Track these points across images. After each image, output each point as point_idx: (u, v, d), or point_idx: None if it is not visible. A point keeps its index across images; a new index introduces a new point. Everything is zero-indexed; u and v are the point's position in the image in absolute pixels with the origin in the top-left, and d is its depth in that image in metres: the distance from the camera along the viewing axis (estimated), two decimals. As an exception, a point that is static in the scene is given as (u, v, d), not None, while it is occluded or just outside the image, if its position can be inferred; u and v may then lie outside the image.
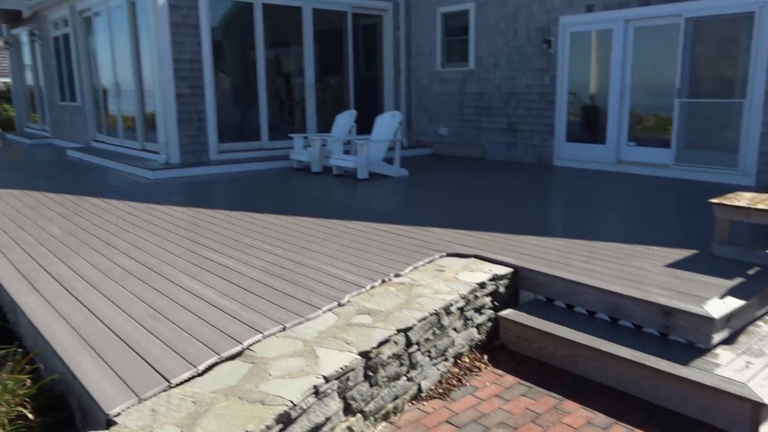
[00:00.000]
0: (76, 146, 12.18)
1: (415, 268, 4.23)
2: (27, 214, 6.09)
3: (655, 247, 4.61)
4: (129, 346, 2.97)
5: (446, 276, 4.04)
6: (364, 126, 9.91)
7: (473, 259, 4.42)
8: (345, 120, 9.59)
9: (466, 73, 10.74)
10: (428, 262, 4.36)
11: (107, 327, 3.20)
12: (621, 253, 4.49)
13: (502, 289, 4.12)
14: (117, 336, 3.09)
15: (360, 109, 10.37)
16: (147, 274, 4.11)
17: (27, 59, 15.75)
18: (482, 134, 10.64)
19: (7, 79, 19.23)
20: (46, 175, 9.20)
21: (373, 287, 3.83)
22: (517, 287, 4.26)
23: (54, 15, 12.85)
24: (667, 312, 3.47)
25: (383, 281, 3.95)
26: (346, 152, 9.14)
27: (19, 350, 3.17)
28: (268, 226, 5.54)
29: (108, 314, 3.38)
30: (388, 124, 8.78)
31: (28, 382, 2.89)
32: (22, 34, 15.54)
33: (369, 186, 7.97)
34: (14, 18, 14.97)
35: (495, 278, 4.05)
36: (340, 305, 3.54)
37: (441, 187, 7.91)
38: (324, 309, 3.45)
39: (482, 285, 3.93)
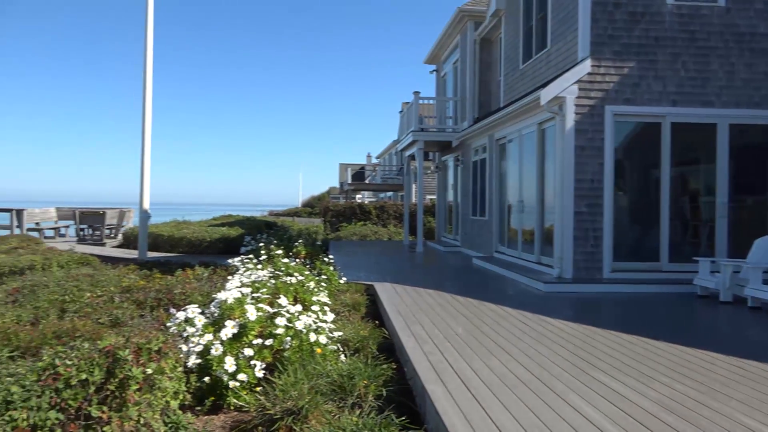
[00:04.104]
0: (481, 255, 13.61)
1: None
2: (438, 312, 7.00)
3: None
4: (517, 454, 3.05)
5: None
6: (793, 253, 8.34)
7: None
8: (767, 245, 8.28)
9: None
10: None
11: (499, 430, 3.36)
12: None
13: None
14: (507, 440, 3.21)
15: (787, 233, 8.83)
16: (536, 385, 4.21)
17: (451, 180, 18.65)
18: None
19: (434, 196, 23.07)
20: (453, 279, 10.49)
21: (805, 454, 3.08)
22: None
23: (476, 143, 15.04)
24: None
25: (821, 449, 3.14)
26: (766, 282, 7.81)
27: (425, 433, 3.59)
28: (665, 356, 5.07)
29: (500, 417, 3.56)
30: (828, 252, 7.22)
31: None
32: (449, 159, 18.57)
33: (798, 325, 6.59)
34: (445, 147, 18.10)
35: None
36: (757, 466, 2.95)
37: None
38: (735, 466, 2.93)
39: None
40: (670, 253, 9.60)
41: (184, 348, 4.52)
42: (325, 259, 10.12)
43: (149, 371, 3.77)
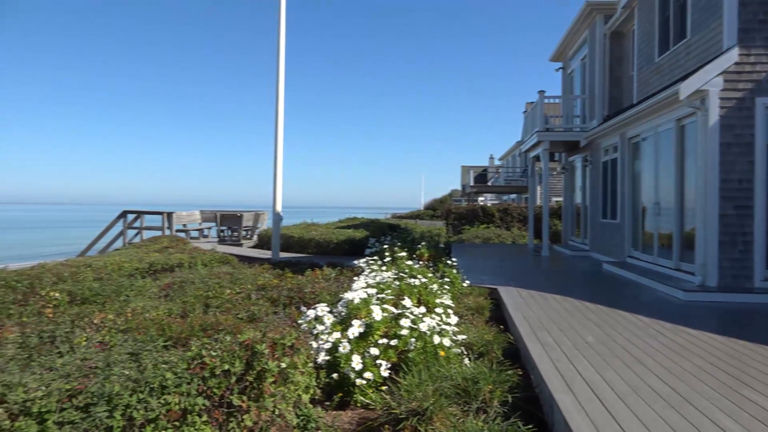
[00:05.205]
0: (611, 260, 12.91)
1: None
2: (566, 318, 6.74)
3: None
4: (655, 472, 2.86)
5: None
6: None
7: None
8: None
9: None
10: None
11: (634, 445, 3.18)
12: None
13: None
14: (643, 457, 3.03)
15: None
16: (676, 401, 3.92)
17: (578, 181, 17.89)
18: None
19: (560, 198, 22.28)
20: (582, 284, 10.04)
21: None
22: None
23: (606, 143, 14.30)
24: None
25: None
26: None
27: (553, 443, 3.47)
28: (833, 377, 4.51)
29: (635, 432, 3.36)
30: None
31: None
32: (577, 160, 17.82)
33: None
34: (572, 147, 17.39)
35: None
36: None
37: None
38: None
39: None
40: (837, 261, 8.52)
41: (314, 345, 4.73)
42: (448, 261, 10.12)
43: (283, 365, 3.99)
